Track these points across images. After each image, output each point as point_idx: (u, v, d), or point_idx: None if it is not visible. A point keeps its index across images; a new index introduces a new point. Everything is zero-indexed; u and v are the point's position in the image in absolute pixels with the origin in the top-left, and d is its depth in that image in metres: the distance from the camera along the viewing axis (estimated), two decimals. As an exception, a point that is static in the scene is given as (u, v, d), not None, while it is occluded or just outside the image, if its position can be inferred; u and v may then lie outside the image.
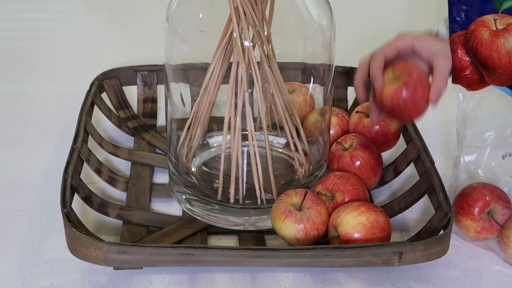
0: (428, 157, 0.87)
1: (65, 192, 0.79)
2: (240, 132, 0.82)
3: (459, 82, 0.83)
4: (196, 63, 0.86)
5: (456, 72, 0.82)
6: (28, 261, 0.80)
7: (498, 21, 0.79)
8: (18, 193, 0.92)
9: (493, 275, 0.80)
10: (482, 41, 0.79)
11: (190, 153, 0.89)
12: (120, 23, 1.52)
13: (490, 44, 0.79)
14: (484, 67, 0.80)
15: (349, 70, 1.09)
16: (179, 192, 0.88)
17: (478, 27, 0.80)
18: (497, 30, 0.79)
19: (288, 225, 0.79)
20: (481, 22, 0.80)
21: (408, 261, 0.75)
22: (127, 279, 0.78)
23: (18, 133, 1.06)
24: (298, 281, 0.79)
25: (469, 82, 0.83)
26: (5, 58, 1.32)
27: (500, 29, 0.79)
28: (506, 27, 0.79)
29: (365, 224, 0.78)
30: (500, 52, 0.78)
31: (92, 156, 0.92)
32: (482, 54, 0.79)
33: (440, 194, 0.81)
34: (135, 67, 1.08)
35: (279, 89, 0.83)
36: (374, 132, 0.93)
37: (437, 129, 1.08)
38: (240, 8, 0.77)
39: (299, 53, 0.85)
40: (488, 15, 0.80)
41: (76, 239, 0.73)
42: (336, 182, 0.84)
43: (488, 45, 0.79)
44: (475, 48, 0.79)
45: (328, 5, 0.84)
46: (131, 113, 1.06)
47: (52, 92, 1.19)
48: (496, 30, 0.79)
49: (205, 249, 0.73)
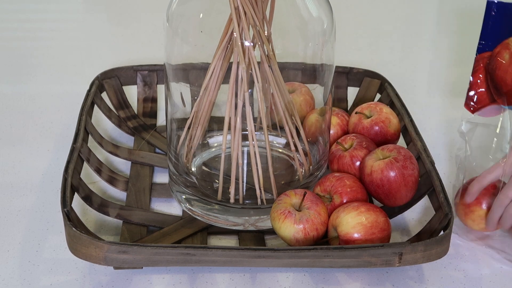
0: (429, 157, 0.87)
1: (65, 192, 0.79)
2: (240, 132, 0.82)
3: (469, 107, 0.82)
4: (196, 63, 0.86)
5: (470, 96, 0.81)
6: (28, 261, 0.80)
7: None
8: (18, 193, 0.92)
9: (493, 275, 0.80)
10: (501, 64, 0.76)
11: (190, 153, 0.89)
12: (120, 23, 1.52)
13: (508, 66, 0.77)
14: (498, 90, 0.78)
15: (349, 70, 1.09)
16: (179, 192, 0.88)
17: (502, 50, 0.78)
18: None
19: (287, 225, 0.79)
20: (505, 44, 0.78)
21: (408, 261, 0.75)
22: (127, 279, 0.78)
23: (18, 133, 1.06)
24: (298, 281, 0.79)
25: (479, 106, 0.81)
26: (5, 58, 1.32)
27: None
28: None
29: (365, 224, 0.78)
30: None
31: (92, 155, 0.92)
32: (498, 76, 0.77)
33: (441, 194, 0.81)
34: (135, 67, 1.08)
35: (279, 89, 0.83)
36: (374, 133, 0.93)
37: (437, 129, 1.08)
38: (240, 8, 0.77)
39: (299, 53, 0.85)
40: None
41: (76, 238, 0.73)
42: (334, 184, 0.84)
43: (505, 68, 0.76)
44: (494, 70, 0.77)
45: (329, 5, 0.84)
46: (131, 112, 1.06)
47: (52, 92, 1.19)
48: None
49: (206, 249, 0.73)
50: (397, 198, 0.84)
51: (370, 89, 1.07)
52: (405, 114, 0.96)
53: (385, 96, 1.04)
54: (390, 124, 0.93)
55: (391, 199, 0.84)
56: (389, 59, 1.31)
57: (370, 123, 0.93)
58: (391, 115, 0.94)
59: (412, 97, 1.10)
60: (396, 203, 0.85)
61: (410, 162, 0.83)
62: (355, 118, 0.95)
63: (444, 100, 1.18)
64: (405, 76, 1.26)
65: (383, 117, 0.94)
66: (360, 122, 0.94)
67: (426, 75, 1.29)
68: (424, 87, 1.24)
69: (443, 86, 1.24)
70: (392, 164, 0.83)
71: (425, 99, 1.19)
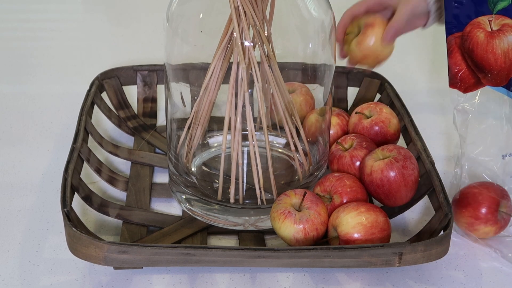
0: (429, 157, 0.87)
1: (65, 192, 0.79)
2: (240, 132, 0.82)
3: (455, 85, 0.83)
4: (196, 63, 0.86)
5: (452, 75, 0.82)
6: (28, 261, 0.80)
7: (493, 22, 0.80)
8: (18, 193, 0.92)
9: (493, 275, 0.80)
10: (478, 43, 0.79)
11: (190, 153, 0.89)
12: (120, 23, 1.52)
13: (486, 45, 0.79)
14: (480, 69, 0.80)
15: (349, 70, 1.09)
16: (179, 192, 0.88)
17: (474, 29, 0.80)
18: (492, 31, 0.79)
19: (287, 225, 0.79)
20: (476, 23, 0.80)
21: (408, 261, 0.75)
22: (127, 279, 0.78)
23: (18, 133, 1.06)
24: (298, 281, 0.79)
25: (465, 85, 0.83)
26: (5, 58, 1.32)
27: (495, 30, 0.79)
28: (501, 27, 0.79)
29: (365, 224, 0.78)
30: (496, 53, 0.78)
31: (92, 155, 0.92)
32: (478, 56, 0.79)
33: (441, 195, 0.81)
34: (135, 67, 1.08)
35: (279, 89, 0.83)
36: (373, 133, 0.93)
37: (437, 129, 1.08)
38: (240, 8, 0.77)
39: (299, 53, 0.85)
40: (483, 16, 0.80)
41: (76, 238, 0.73)
42: (334, 184, 0.84)
43: (483, 47, 0.79)
44: (471, 50, 0.79)
45: (329, 5, 0.84)
46: (131, 112, 1.06)
47: (52, 92, 1.19)
48: (491, 31, 0.79)
49: (206, 249, 0.73)
50: (397, 198, 0.84)
51: (370, 89, 1.07)
52: (405, 114, 0.96)
53: (385, 96, 1.04)
54: (390, 124, 0.93)
55: (391, 199, 0.84)
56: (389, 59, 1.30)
57: (370, 123, 0.93)
58: (391, 115, 0.94)
59: (412, 97, 1.10)
60: (396, 203, 0.85)
61: (410, 162, 0.83)
62: (355, 118, 0.95)
63: (444, 100, 1.18)
64: (405, 76, 1.26)
65: (383, 117, 0.94)
66: (360, 122, 0.94)
67: (426, 75, 1.29)
68: (424, 87, 1.24)
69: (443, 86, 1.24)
70: (392, 164, 0.83)
71: (425, 99, 1.19)
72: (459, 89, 0.84)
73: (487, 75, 0.80)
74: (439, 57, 1.36)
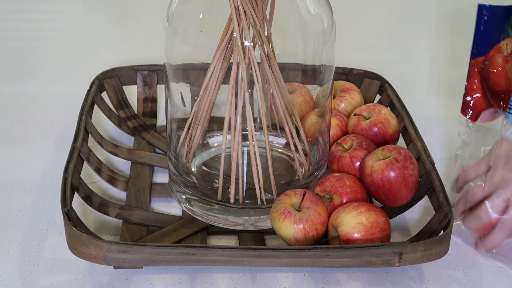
0: (429, 158, 0.87)
1: (65, 191, 0.79)
2: (240, 132, 0.82)
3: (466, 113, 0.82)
4: (197, 63, 0.86)
5: (465, 101, 0.81)
6: (28, 261, 0.80)
7: (508, 45, 0.78)
8: (18, 193, 0.92)
9: (493, 275, 0.80)
10: (496, 68, 0.77)
11: (190, 153, 0.89)
12: (120, 23, 1.52)
13: (502, 70, 0.77)
14: (494, 94, 0.78)
15: (349, 71, 1.09)
16: (179, 192, 0.88)
17: (496, 54, 0.78)
18: (508, 55, 0.77)
19: (287, 225, 0.79)
20: (498, 48, 0.78)
21: (408, 261, 0.75)
22: (127, 279, 0.78)
23: (18, 133, 1.06)
24: (298, 281, 0.79)
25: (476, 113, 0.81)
26: (5, 58, 1.32)
27: (510, 54, 0.77)
28: None
29: (365, 224, 0.78)
30: (508, 78, 0.76)
31: (92, 155, 0.92)
32: (492, 80, 0.77)
33: (441, 195, 0.81)
34: (135, 67, 1.08)
35: (279, 89, 0.83)
36: (372, 134, 0.93)
37: (437, 129, 1.08)
38: (240, 8, 0.77)
39: (300, 53, 0.85)
40: (505, 39, 0.78)
41: (76, 238, 0.73)
42: (334, 184, 0.84)
43: (499, 72, 0.77)
44: (488, 75, 0.77)
45: (329, 5, 0.84)
46: (131, 112, 1.06)
47: (52, 92, 1.19)
48: (507, 55, 0.77)
49: (206, 248, 0.73)
50: (397, 198, 0.84)
51: (370, 90, 1.07)
52: (405, 115, 0.96)
53: (385, 97, 1.04)
54: (389, 125, 0.93)
55: (391, 199, 0.84)
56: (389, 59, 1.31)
57: (368, 124, 0.93)
58: (389, 116, 0.94)
59: (412, 97, 1.10)
60: (396, 203, 0.85)
61: (410, 162, 0.83)
62: (354, 120, 0.95)
63: (444, 100, 1.18)
64: (405, 76, 1.26)
65: (381, 118, 0.94)
66: (359, 123, 0.94)
67: (426, 75, 1.29)
68: (424, 88, 1.24)
69: (443, 86, 1.24)
70: (392, 164, 0.83)
71: (425, 99, 1.19)
72: (469, 118, 0.83)
73: (499, 100, 0.78)
74: (439, 57, 1.36)
